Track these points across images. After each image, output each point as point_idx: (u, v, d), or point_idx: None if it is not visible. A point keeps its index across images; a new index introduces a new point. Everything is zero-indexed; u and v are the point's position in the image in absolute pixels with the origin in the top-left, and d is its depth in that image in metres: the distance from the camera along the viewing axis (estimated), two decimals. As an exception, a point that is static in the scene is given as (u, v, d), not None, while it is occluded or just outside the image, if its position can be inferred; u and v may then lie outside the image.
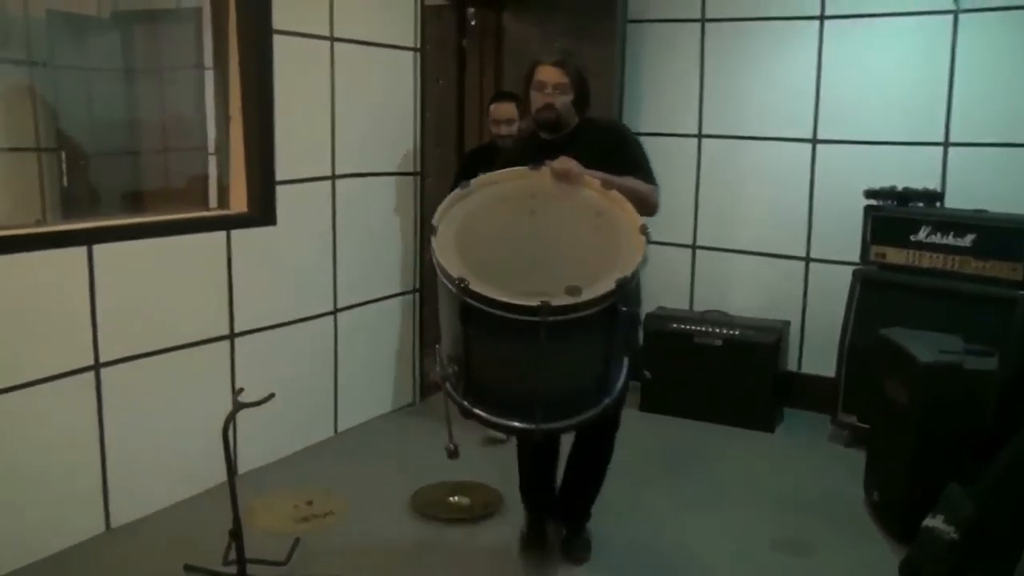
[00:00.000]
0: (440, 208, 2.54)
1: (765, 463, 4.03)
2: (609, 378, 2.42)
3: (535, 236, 2.52)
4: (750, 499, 3.63)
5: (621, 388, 2.51)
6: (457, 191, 2.60)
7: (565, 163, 2.62)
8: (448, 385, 2.40)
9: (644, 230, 2.41)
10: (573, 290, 2.21)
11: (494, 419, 2.36)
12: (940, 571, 2.62)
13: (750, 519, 3.45)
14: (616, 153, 2.85)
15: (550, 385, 2.31)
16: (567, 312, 2.18)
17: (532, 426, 2.32)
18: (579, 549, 3.06)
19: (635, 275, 2.32)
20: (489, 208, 2.56)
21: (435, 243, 2.39)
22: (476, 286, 2.21)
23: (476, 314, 2.22)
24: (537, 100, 2.85)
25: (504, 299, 2.19)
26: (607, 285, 2.23)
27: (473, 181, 2.63)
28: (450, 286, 2.27)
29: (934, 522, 2.71)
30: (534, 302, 2.15)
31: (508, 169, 2.72)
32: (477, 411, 2.35)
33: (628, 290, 2.28)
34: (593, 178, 2.62)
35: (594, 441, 2.97)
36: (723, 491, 3.71)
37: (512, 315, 2.18)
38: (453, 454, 2.39)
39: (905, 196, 4.10)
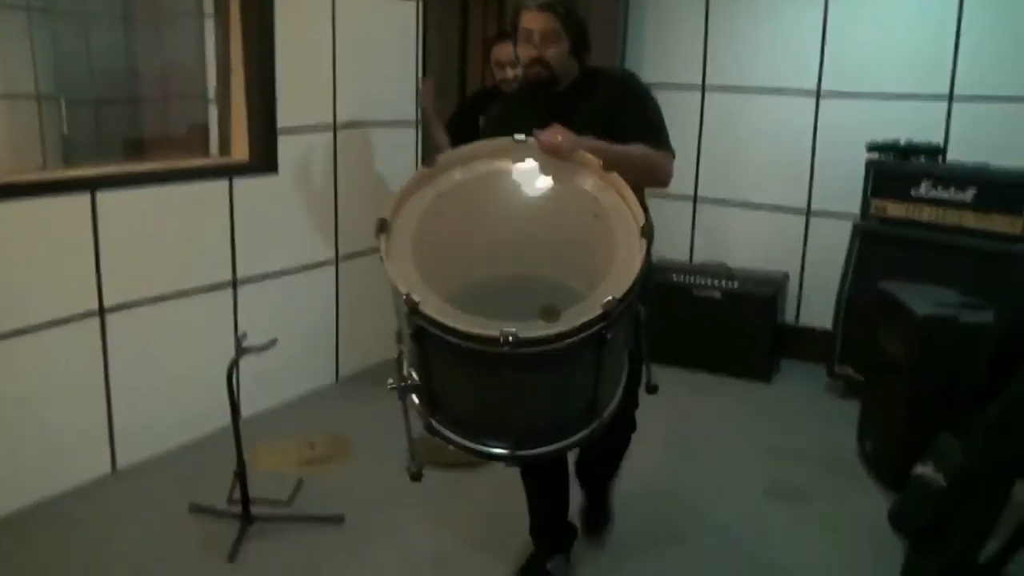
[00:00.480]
0: (396, 196, 2.05)
1: (761, 413, 4.08)
2: (598, 401, 1.99)
3: (513, 230, 2.06)
4: (745, 448, 3.69)
5: (618, 404, 2.09)
6: (422, 171, 2.12)
7: (553, 135, 2.11)
8: (413, 396, 2.06)
9: (645, 231, 1.94)
10: (549, 313, 1.79)
11: (462, 441, 2.01)
12: (926, 516, 2.67)
13: (745, 467, 3.51)
14: (627, 111, 2.39)
15: (524, 414, 1.94)
16: (538, 344, 1.76)
17: (506, 452, 1.96)
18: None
19: (628, 295, 1.84)
20: (459, 194, 2.10)
21: (384, 243, 1.97)
22: (427, 307, 1.81)
23: (431, 336, 1.85)
24: (524, 54, 2.36)
25: (460, 327, 1.78)
26: (591, 310, 1.79)
27: (442, 157, 2.15)
28: (398, 302, 1.89)
29: (924, 468, 2.74)
30: (495, 332, 1.73)
31: (486, 142, 2.22)
32: (443, 430, 2.03)
33: (616, 315, 1.82)
34: (591, 150, 2.11)
35: (608, 444, 2.63)
36: (719, 440, 3.77)
37: (471, 344, 1.78)
38: (416, 477, 2.00)
39: (907, 150, 4.09)
